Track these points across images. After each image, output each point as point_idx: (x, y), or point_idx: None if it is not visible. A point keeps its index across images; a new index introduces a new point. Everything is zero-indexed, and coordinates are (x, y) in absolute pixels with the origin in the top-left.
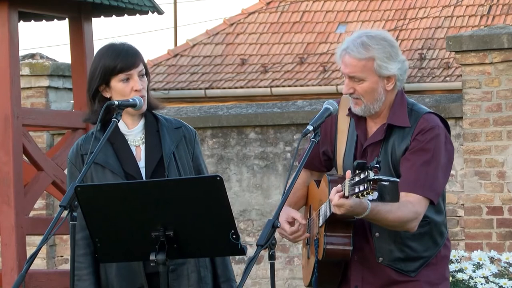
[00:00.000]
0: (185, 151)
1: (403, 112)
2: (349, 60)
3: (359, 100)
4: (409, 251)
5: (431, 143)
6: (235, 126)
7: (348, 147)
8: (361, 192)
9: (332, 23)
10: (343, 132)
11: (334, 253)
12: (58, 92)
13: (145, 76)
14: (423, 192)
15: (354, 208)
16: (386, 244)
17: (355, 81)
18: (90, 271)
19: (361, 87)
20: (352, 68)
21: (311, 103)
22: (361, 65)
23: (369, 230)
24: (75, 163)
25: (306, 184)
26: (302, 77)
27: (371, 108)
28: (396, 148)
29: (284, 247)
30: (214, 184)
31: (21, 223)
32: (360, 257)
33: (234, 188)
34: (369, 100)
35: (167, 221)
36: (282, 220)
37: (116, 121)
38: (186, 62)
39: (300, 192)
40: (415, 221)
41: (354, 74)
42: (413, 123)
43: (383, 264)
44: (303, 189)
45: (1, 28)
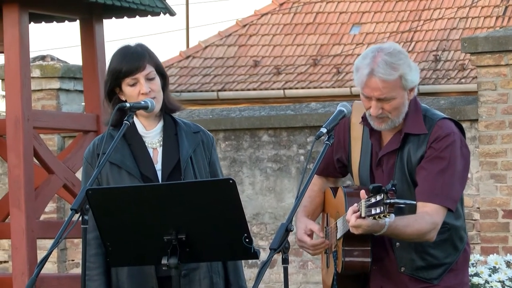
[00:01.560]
0: (202, 156)
1: (418, 119)
2: (380, 83)
3: (385, 118)
4: (430, 259)
5: (446, 151)
6: (248, 128)
7: (363, 155)
8: (377, 215)
9: (346, 25)
10: (357, 139)
11: (353, 266)
12: (69, 94)
13: (157, 78)
14: (441, 201)
15: (372, 227)
16: (407, 253)
17: (384, 101)
18: (101, 271)
19: (390, 105)
20: (383, 90)
21: (324, 105)
22: (392, 86)
23: (388, 240)
24: (91, 162)
25: (322, 191)
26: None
27: (396, 122)
28: (412, 156)
29: (297, 251)
30: (226, 187)
31: (32, 227)
32: (381, 268)
33: (247, 191)
34: (396, 115)
35: (179, 225)
36: (301, 232)
37: (127, 124)
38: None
39: (317, 200)
40: (433, 232)
41: (385, 95)
42: (428, 130)
43: (405, 274)
44: (320, 196)
45: (12, 29)
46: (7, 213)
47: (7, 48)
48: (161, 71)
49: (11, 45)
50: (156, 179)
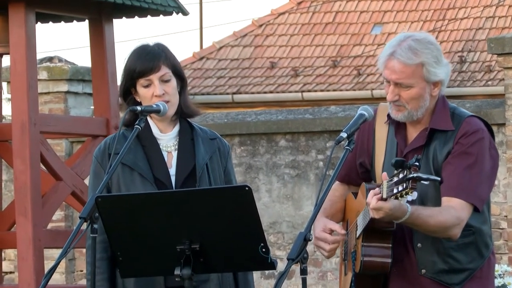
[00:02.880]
0: (218, 164)
1: (445, 116)
2: (397, 65)
3: (402, 107)
4: (453, 262)
5: (474, 147)
6: (264, 133)
7: (388, 155)
8: (399, 193)
9: (367, 24)
10: (381, 140)
11: (372, 266)
12: (77, 97)
13: (173, 81)
14: (467, 197)
15: (393, 211)
16: (429, 255)
17: (402, 87)
18: (105, 277)
19: (408, 93)
20: (400, 74)
21: (344, 109)
22: (410, 71)
23: (410, 241)
24: (101, 162)
25: (343, 198)
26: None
27: (414, 115)
28: (438, 153)
29: (316, 261)
30: (242, 194)
31: (39, 236)
32: (400, 270)
33: (263, 198)
34: (414, 106)
35: (193, 234)
36: (319, 230)
37: (138, 128)
38: (212, 65)
39: (338, 205)
40: (457, 228)
41: (402, 80)
42: (456, 127)
43: (426, 277)
44: (341, 202)
45: (18, 30)
46: (13, 222)
47: (13, 49)
48: (178, 73)
49: (17, 46)
50: (169, 184)
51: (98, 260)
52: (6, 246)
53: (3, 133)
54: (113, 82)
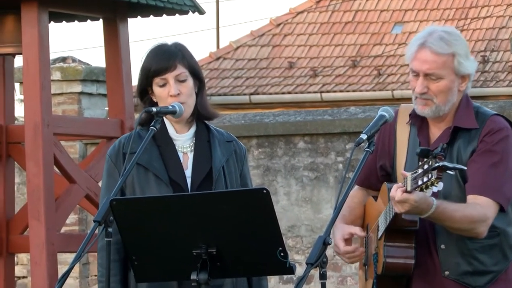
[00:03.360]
0: (234, 167)
1: (469, 114)
2: (429, 55)
3: (429, 101)
4: (477, 264)
5: (499, 145)
6: (282, 134)
7: (410, 157)
8: (424, 184)
9: (387, 23)
10: (403, 142)
11: (395, 267)
12: (91, 98)
13: (189, 81)
14: (492, 195)
15: (419, 203)
16: (453, 256)
17: (431, 79)
18: (118, 279)
19: (437, 86)
20: (431, 64)
21: (364, 110)
22: (442, 62)
23: (433, 242)
24: (115, 162)
25: (362, 204)
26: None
27: (441, 110)
28: (462, 152)
29: (336, 265)
30: (260, 197)
31: (52, 240)
32: (423, 271)
33: (281, 202)
34: (442, 100)
35: (209, 238)
36: (338, 237)
37: (154, 130)
38: (229, 65)
39: (357, 211)
40: (484, 225)
41: (433, 71)
42: (480, 125)
43: (449, 279)
44: (360, 208)
45: (31, 29)
46: (26, 226)
47: (25, 50)
48: (196, 73)
49: (30, 46)
50: (185, 186)
51: (111, 261)
52: (19, 251)
53: (16, 135)
54: (127, 83)
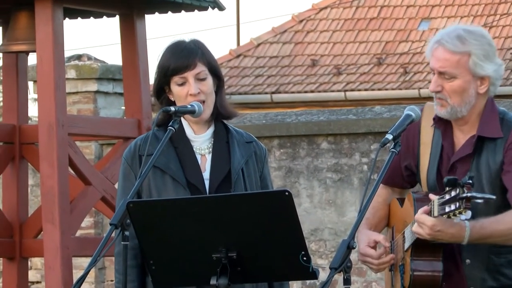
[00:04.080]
0: (254, 168)
1: (494, 122)
2: (442, 53)
3: (444, 101)
4: (504, 280)
5: None
6: (305, 135)
7: (432, 160)
8: (452, 212)
9: (413, 20)
10: (427, 144)
11: (422, 280)
12: (107, 98)
13: (209, 79)
14: None
15: (445, 228)
16: (478, 272)
17: (445, 78)
18: (135, 285)
19: (451, 85)
20: (444, 62)
21: (390, 109)
22: (455, 60)
23: (459, 256)
24: (131, 164)
25: (387, 203)
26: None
27: (458, 111)
28: (490, 163)
29: (360, 270)
30: (282, 200)
31: (67, 244)
32: (449, 285)
33: (304, 204)
34: (456, 101)
35: (229, 242)
36: (363, 245)
37: (172, 130)
38: (250, 63)
39: (381, 213)
40: None
41: (446, 69)
42: (506, 133)
43: None
44: (384, 209)
45: (45, 27)
46: (40, 229)
47: (39, 47)
48: (215, 71)
49: (44, 44)
50: (203, 188)
51: (127, 267)
52: (33, 255)
53: (29, 135)
54: (145, 81)
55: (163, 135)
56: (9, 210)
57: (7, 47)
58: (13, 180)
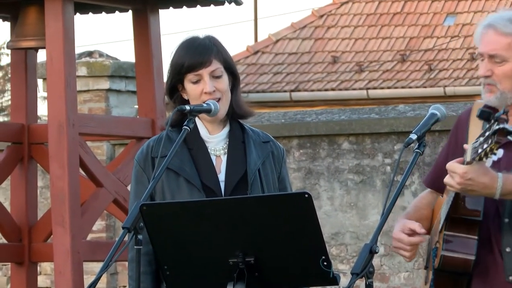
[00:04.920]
0: (271, 169)
1: None
2: (493, 35)
3: (493, 87)
4: None
5: None
6: (325, 134)
7: None
8: (484, 151)
9: (439, 14)
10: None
11: (453, 261)
12: (120, 96)
13: (225, 77)
14: None
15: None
16: None
17: (496, 62)
18: None
19: (502, 69)
20: (495, 45)
21: (414, 108)
22: (507, 43)
23: (497, 244)
24: (143, 167)
25: (431, 205)
26: (404, 78)
27: (507, 98)
28: None
29: (383, 276)
30: (301, 202)
31: (78, 248)
32: (484, 274)
33: (324, 207)
34: (507, 86)
35: (247, 246)
36: (397, 230)
37: (187, 129)
38: (268, 60)
39: (423, 212)
40: None
41: (496, 52)
42: None
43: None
44: (427, 209)
45: (55, 22)
46: (50, 232)
47: (49, 43)
48: (230, 68)
49: (53, 40)
50: (218, 191)
51: (141, 274)
52: (42, 259)
53: (39, 135)
54: (159, 79)
55: (176, 136)
56: (17, 213)
57: (15, 43)
58: (22, 182)
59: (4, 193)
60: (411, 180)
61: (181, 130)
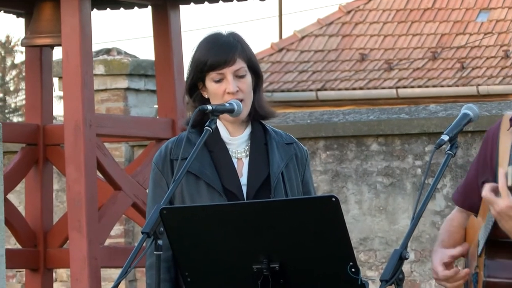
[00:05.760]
0: (295, 172)
1: None
2: None
3: None
4: None
5: None
6: (353, 135)
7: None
8: None
9: (471, 10)
10: (505, 151)
11: (498, 286)
12: (139, 95)
13: (248, 76)
14: None
15: None
16: None
17: None
18: None
19: None
20: None
21: (446, 108)
22: None
23: None
24: (162, 170)
25: (463, 226)
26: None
27: None
28: None
29: (413, 283)
30: (328, 206)
31: (95, 254)
32: None
33: (352, 211)
34: None
35: (271, 251)
36: (436, 262)
37: (209, 130)
38: (293, 58)
39: (456, 236)
40: None
41: None
42: None
43: None
44: (460, 232)
45: (71, 18)
46: (66, 238)
47: (65, 41)
48: (254, 68)
49: (70, 37)
50: (240, 195)
51: (160, 281)
52: (58, 265)
53: (54, 136)
54: (179, 78)
55: (195, 137)
56: (32, 218)
57: (30, 40)
58: (37, 185)
59: (18, 197)
60: (442, 183)
61: (201, 131)
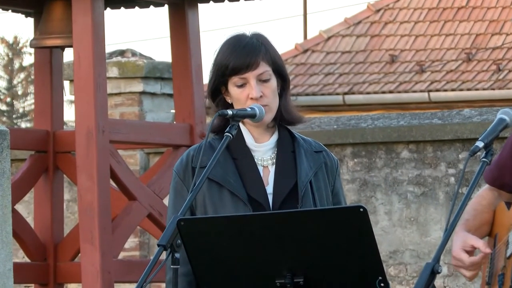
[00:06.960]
0: (324, 181)
1: None
2: None
3: None
4: None
5: None
6: (382, 142)
7: None
8: None
9: (508, 9)
10: None
11: None
12: (154, 99)
13: (273, 80)
14: None
15: None
16: None
17: None
18: None
19: None
20: None
21: (481, 113)
22: None
23: None
24: (183, 178)
25: (492, 207)
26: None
27: None
28: None
29: None
30: (356, 217)
31: (108, 267)
32: None
33: (381, 222)
34: None
35: (296, 265)
36: (457, 248)
37: (229, 137)
38: (319, 59)
39: (484, 216)
40: None
41: None
42: None
43: None
44: (489, 212)
45: (83, 18)
46: (77, 251)
47: (77, 42)
48: (279, 71)
49: (82, 38)
50: (266, 204)
51: None
52: (69, 280)
53: (65, 142)
54: (198, 81)
55: (219, 144)
56: (42, 229)
57: (40, 41)
58: (47, 195)
59: (27, 207)
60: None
61: (224, 136)
